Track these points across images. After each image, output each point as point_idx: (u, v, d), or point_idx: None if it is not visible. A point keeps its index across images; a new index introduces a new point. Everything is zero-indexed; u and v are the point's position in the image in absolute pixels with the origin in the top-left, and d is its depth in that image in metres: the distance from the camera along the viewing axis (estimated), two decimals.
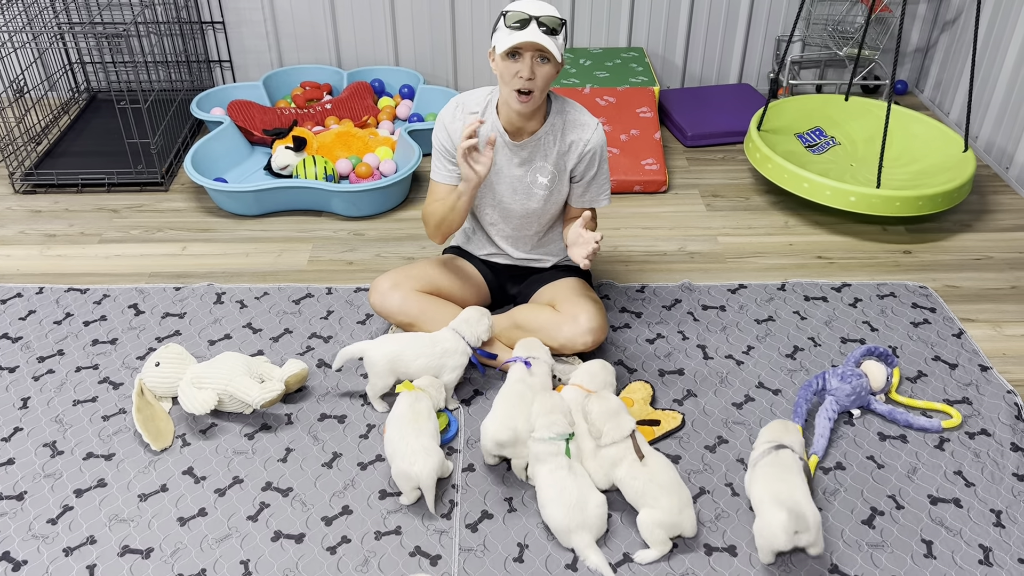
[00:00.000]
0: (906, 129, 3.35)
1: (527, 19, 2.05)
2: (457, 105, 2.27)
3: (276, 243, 2.98)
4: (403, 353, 2.20)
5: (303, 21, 3.85)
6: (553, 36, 2.06)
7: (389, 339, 2.24)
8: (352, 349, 2.23)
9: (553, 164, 2.26)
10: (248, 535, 1.92)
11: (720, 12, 3.86)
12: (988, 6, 3.46)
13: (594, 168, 2.26)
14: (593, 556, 1.84)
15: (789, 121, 3.42)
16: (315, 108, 3.57)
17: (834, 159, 3.29)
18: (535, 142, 2.23)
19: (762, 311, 2.61)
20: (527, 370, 2.13)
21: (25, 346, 2.47)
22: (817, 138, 3.38)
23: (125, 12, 3.75)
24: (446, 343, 2.22)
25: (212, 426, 2.20)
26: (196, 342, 2.49)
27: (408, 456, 1.93)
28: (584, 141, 2.23)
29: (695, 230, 3.05)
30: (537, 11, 2.06)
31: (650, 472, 1.87)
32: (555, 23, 2.06)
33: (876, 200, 2.87)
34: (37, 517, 1.96)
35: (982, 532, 1.93)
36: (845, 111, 3.49)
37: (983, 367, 2.39)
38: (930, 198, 2.88)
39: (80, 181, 3.28)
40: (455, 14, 3.84)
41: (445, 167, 2.31)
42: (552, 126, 2.23)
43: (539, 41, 2.03)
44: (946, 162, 3.15)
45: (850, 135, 3.42)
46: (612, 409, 1.96)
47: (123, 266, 2.85)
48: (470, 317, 2.27)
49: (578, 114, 2.25)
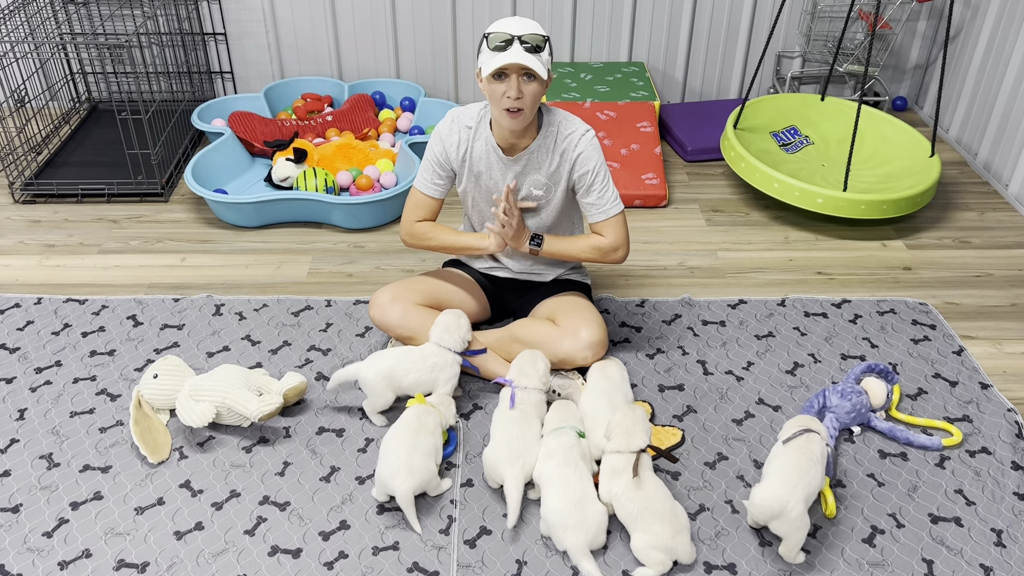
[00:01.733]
0: (877, 131, 3.41)
1: (510, 39, 2.05)
2: (453, 119, 2.28)
3: (276, 255, 2.97)
4: (396, 369, 2.19)
5: (305, 33, 3.86)
6: (537, 53, 2.07)
7: (380, 357, 2.23)
8: (345, 373, 2.23)
9: (547, 176, 2.26)
10: (245, 550, 1.91)
11: (721, 27, 3.88)
12: (988, 25, 3.47)
13: (590, 173, 2.25)
14: (586, 563, 1.84)
15: (766, 119, 3.48)
16: (316, 120, 3.58)
17: (806, 159, 3.34)
18: (528, 155, 2.24)
19: (762, 327, 2.61)
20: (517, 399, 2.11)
21: (23, 357, 2.46)
22: (791, 137, 3.42)
23: (127, 23, 3.76)
24: (434, 358, 2.21)
25: (210, 439, 2.19)
26: (194, 354, 2.48)
27: (393, 468, 1.94)
28: (574, 147, 2.23)
29: (695, 245, 3.05)
30: (519, 30, 2.06)
31: (646, 498, 1.86)
32: (538, 40, 2.06)
33: (842, 202, 2.94)
34: (32, 530, 1.95)
35: (983, 552, 1.92)
36: (820, 110, 3.54)
37: (983, 385, 2.38)
38: (894, 202, 2.95)
39: (80, 191, 3.28)
40: (456, 27, 3.85)
41: (431, 179, 2.33)
42: (544, 139, 2.23)
43: (523, 62, 2.04)
44: (913, 166, 3.22)
45: (824, 135, 3.48)
46: (632, 421, 1.96)
47: (122, 277, 2.85)
48: (448, 323, 2.26)
49: (568, 124, 2.25)
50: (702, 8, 3.83)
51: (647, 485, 1.88)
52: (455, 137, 2.26)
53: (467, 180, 2.31)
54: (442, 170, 2.30)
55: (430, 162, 2.31)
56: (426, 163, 2.32)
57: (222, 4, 3.78)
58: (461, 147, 2.27)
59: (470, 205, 2.39)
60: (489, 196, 2.32)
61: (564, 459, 1.94)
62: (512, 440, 2.01)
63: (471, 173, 2.30)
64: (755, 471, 2.11)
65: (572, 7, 3.80)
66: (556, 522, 1.87)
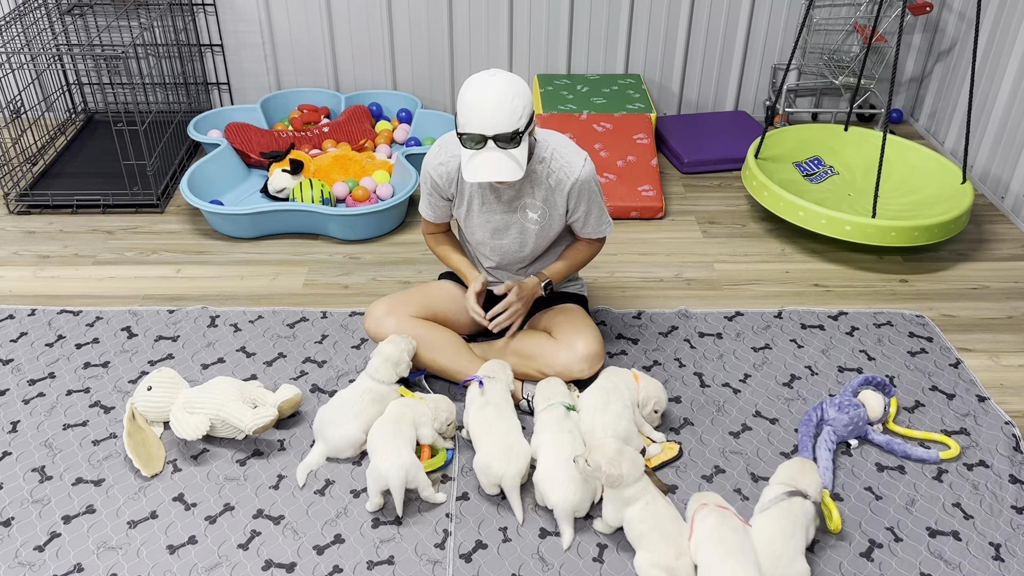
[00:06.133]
0: (904, 159, 3.36)
1: (482, 141, 2.00)
2: (441, 147, 2.24)
3: (271, 266, 2.96)
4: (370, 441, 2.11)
5: (302, 45, 3.86)
6: (513, 143, 2.00)
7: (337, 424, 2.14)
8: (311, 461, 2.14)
9: (542, 200, 2.22)
10: (239, 564, 1.89)
11: (717, 40, 3.89)
12: (983, 35, 3.49)
13: (584, 203, 2.23)
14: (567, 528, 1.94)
15: (787, 150, 3.43)
16: (312, 131, 3.57)
17: (832, 188, 3.29)
18: (521, 182, 2.20)
19: (759, 339, 2.60)
20: (480, 390, 2.15)
21: (16, 368, 2.45)
22: (815, 167, 3.38)
23: (124, 34, 3.76)
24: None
25: (204, 452, 2.18)
26: (189, 366, 2.47)
27: (381, 453, 1.98)
28: (570, 179, 2.18)
29: (692, 257, 3.05)
30: (491, 128, 1.98)
31: (656, 518, 1.85)
32: (510, 133, 1.98)
33: (872, 230, 2.87)
34: (24, 544, 1.93)
35: (981, 566, 1.91)
36: (844, 140, 3.50)
37: (981, 397, 2.38)
38: (926, 229, 2.88)
39: (75, 202, 3.27)
40: (453, 39, 3.86)
41: (429, 203, 2.34)
42: (536, 165, 2.19)
43: (499, 177, 2.00)
44: (943, 192, 3.16)
45: (849, 164, 3.43)
46: (617, 450, 1.89)
47: (117, 288, 2.84)
48: (389, 355, 2.21)
49: (562, 154, 2.19)
50: (698, 21, 3.84)
51: (658, 504, 1.88)
52: (443, 169, 2.23)
53: (462, 207, 2.30)
54: (439, 198, 2.30)
55: (426, 192, 2.31)
56: (423, 190, 2.32)
57: (219, 15, 3.79)
58: (452, 176, 2.24)
59: (464, 229, 2.37)
60: (484, 223, 2.29)
61: (558, 428, 2.04)
62: (500, 437, 2.03)
63: (463, 201, 2.28)
64: (752, 484, 2.10)
65: (569, 19, 3.81)
66: (545, 477, 1.95)
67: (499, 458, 1.99)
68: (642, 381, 2.22)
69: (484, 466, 2.00)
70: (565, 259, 2.37)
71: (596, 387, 2.18)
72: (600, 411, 2.10)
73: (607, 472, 1.85)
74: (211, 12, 3.77)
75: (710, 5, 3.80)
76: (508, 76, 2.00)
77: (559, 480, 1.94)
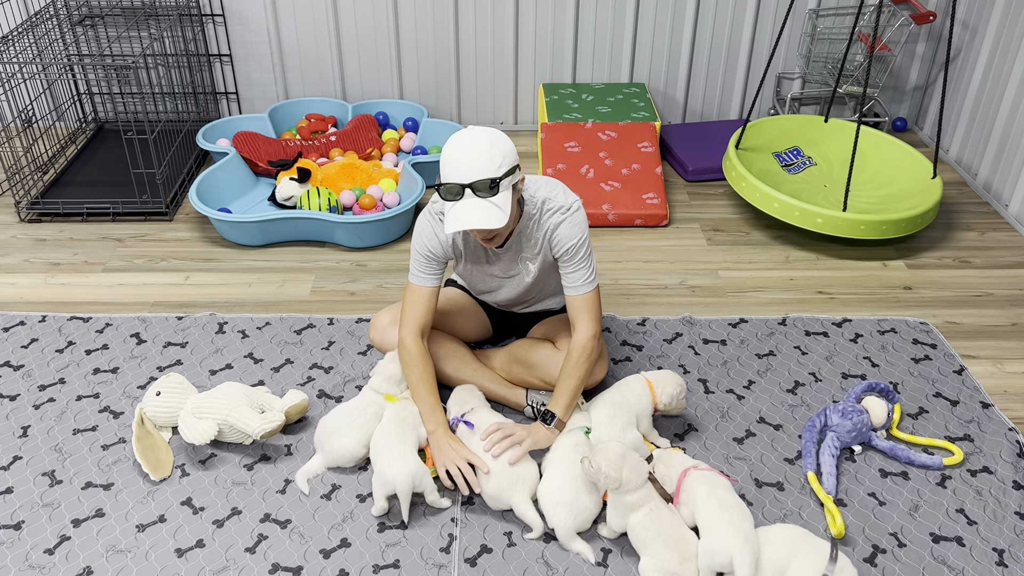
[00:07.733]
0: (879, 152, 3.42)
1: (460, 190, 1.92)
2: (430, 216, 2.15)
3: (279, 273, 2.99)
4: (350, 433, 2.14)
5: (309, 55, 3.90)
6: (492, 191, 1.91)
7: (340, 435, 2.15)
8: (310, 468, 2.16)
9: (540, 254, 2.18)
10: (246, 567, 1.91)
11: (721, 49, 3.91)
12: (987, 45, 3.50)
13: (567, 252, 2.11)
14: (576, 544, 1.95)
15: (768, 140, 3.49)
16: (320, 140, 3.61)
17: (809, 179, 3.36)
18: (513, 241, 2.16)
19: (763, 346, 2.62)
20: (470, 429, 2.09)
21: (27, 374, 2.48)
22: (794, 158, 3.43)
23: (134, 44, 3.80)
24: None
25: (212, 456, 2.20)
26: (197, 372, 2.49)
27: (387, 459, 1.99)
28: (554, 228, 2.10)
29: (696, 264, 3.06)
30: (468, 176, 1.90)
31: (660, 525, 1.87)
32: (487, 182, 1.90)
33: (842, 223, 2.95)
34: (34, 547, 1.95)
35: (985, 572, 1.91)
36: (823, 131, 3.55)
37: (984, 404, 2.38)
38: (894, 223, 2.95)
39: (85, 210, 3.30)
40: (459, 48, 3.89)
41: (419, 269, 2.17)
42: (528, 219, 2.12)
43: (479, 225, 1.90)
44: (914, 187, 3.23)
45: (827, 155, 3.49)
46: (620, 455, 1.91)
47: (126, 295, 2.86)
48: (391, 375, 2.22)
49: (553, 200, 2.11)
50: (703, 30, 3.87)
51: (662, 511, 1.89)
52: (437, 240, 2.15)
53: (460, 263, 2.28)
54: (434, 262, 2.17)
55: (417, 260, 2.17)
56: (415, 258, 2.17)
57: (228, 26, 3.83)
58: (446, 241, 2.16)
59: (464, 279, 2.37)
60: (483, 273, 2.27)
61: (572, 449, 2.03)
62: (505, 464, 2.01)
63: (461, 258, 2.25)
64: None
65: (574, 29, 3.84)
66: (548, 497, 1.96)
67: (508, 489, 1.99)
68: (657, 387, 2.19)
69: (494, 497, 2.01)
70: (566, 391, 2.14)
71: (605, 399, 2.18)
72: (605, 425, 2.12)
73: (606, 473, 1.88)
74: (220, 23, 3.81)
75: (714, 14, 3.83)
76: (487, 129, 1.95)
77: (562, 504, 1.94)
